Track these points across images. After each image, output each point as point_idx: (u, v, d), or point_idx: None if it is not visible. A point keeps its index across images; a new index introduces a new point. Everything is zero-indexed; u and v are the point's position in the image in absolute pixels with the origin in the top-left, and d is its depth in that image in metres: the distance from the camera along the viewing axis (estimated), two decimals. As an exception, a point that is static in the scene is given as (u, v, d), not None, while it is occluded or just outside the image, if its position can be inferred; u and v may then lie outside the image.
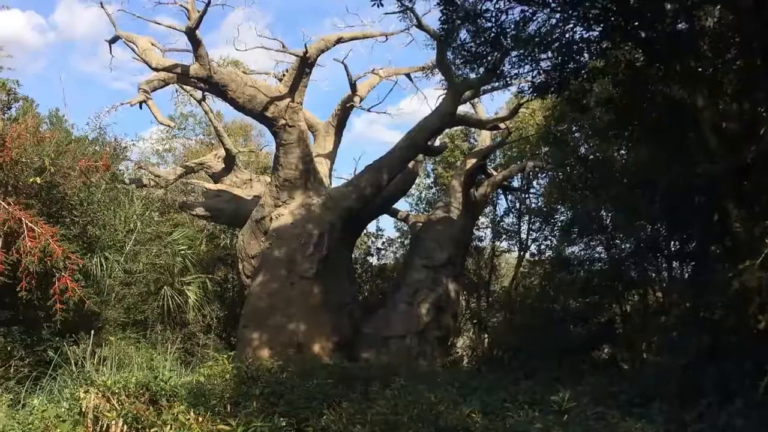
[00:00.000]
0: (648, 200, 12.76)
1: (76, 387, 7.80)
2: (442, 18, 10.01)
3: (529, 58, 10.07)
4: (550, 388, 9.40)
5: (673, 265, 16.11)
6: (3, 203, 10.07)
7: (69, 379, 8.28)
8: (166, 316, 17.49)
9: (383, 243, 27.05)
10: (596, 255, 17.58)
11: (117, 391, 7.01)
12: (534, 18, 9.52)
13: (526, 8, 9.34)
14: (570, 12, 9.56)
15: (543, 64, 10.87)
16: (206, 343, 19.91)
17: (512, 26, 9.42)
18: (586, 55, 10.57)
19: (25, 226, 10.09)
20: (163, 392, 6.97)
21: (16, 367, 11.74)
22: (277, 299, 16.66)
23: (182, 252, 17.22)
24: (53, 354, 11.89)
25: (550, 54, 10.46)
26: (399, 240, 28.17)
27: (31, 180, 10.60)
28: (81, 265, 11.23)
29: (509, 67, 10.73)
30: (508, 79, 11.09)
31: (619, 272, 15.87)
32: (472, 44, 10.04)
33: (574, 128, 19.03)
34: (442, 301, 19.50)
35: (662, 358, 13.39)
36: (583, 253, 17.67)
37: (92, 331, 12.23)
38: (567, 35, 10.16)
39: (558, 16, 9.79)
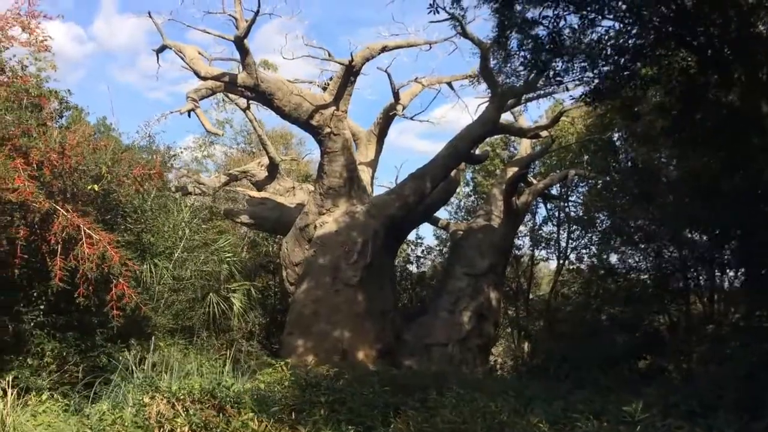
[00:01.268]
0: (703, 207, 12.55)
1: (139, 393, 7.87)
2: (497, 24, 10.00)
3: (585, 64, 9.99)
4: (606, 398, 9.29)
5: (721, 274, 15.87)
6: (62, 210, 10.22)
7: (131, 385, 8.35)
8: (211, 323, 17.62)
9: (422, 251, 27.02)
10: (642, 264, 17.34)
11: (182, 397, 7.07)
12: (591, 25, 9.46)
13: (585, 13, 9.26)
14: (626, 19, 9.47)
15: (596, 71, 10.77)
16: (248, 349, 20.01)
17: (570, 33, 9.38)
18: (638, 62, 10.46)
19: (83, 232, 10.24)
20: (229, 399, 7.02)
21: (70, 372, 11.89)
22: (321, 306, 16.74)
23: (228, 259, 17.36)
24: (106, 360, 12.06)
25: (603, 61, 10.37)
26: (438, 248, 28.14)
27: (89, 187, 10.76)
28: (135, 272, 11.36)
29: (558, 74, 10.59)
30: (565, 85, 10.99)
31: (666, 281, 15.64)
32: (528, 51, 9.98)
33: (619, 136, 18.85)
34: (483, 309, 19.44)
35: (715, 367, 13.12)
36: (628, 261, 17.44)
37: (147, 337, 12.39)
38: (621, 42, 10.06)
39: (614, 23, 9.72)
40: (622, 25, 9.82)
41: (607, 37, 9.94)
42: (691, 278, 15.93)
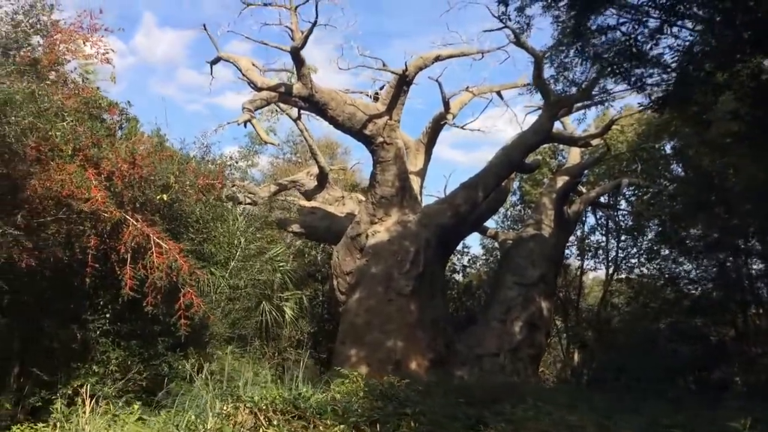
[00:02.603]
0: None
1: (218, 402, 7.85)
2: (577, 29, 9.88)
3: (657, 71, 9.84)
4: (684, 412, 9.08)
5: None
6: (131, 219, 10.31)
7: (209, 395, 8.34)
8: (264, 331, 17.69)
9: (468, 260, 26.85)
10: (703, 273, 16.96)
11: (264, 407, 7.05)
12: (662, 31, 9.30)
13: (665, 18, 9.11)
14: (702, 24, 9.30)
15: (667, 77, 10.61)
16: (297, 358, 20.04)
17: (646, 38, 9.24)
18: (711, 68, 10.26)
19: (152, 242, 10.32)
20: (312, 409, 6.97)
21: (134, 380, 11.98)
22: (374, 316, 16.68)
23: (281, 268, 17.43)
24: (167, 368, 12.13)
25: (675, 67, 10.20)
26: (484, 257, 27.95)
27: (158, 197, 10.85)
28: (201, 281, 11.41)
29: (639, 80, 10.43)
30: (647, 90, 10.78)
31: (732, 291, 15.26)
32: (608, 55, 9.84)
33: (673, 144, 18.54)
34: (535, 319, 19.22)
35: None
36: (695, 272, 17.08)
37: (204, 346, 12.43)
38: (695, 47, 9.88)
39: (682, 30, 9.54)
40: (696, 31, 9.63)
41: (677, 43, 9.77)
42: (757, 289, 15.52)
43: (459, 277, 26.56)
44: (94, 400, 8.66)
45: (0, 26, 9.42)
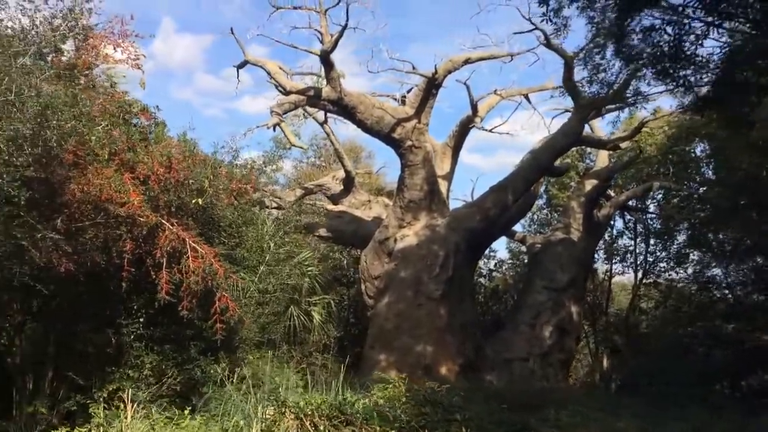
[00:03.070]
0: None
1: (259, 407, 7.77)
2: (618, 30, 9.74)
3: (706, 71, 9.66)
4: (735, 421, 8.88)
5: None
6: (167, 224, 10.26)
7: (253, 398, 8.26)
8: (291, 336, 17.61)
9: (495, 264, 26.60)
10: (739, 278, 16.66)
11: (310, 413, 6.96)
12: (713, 31, 9.12)
13: (711, 20, 8.94)
14: (752, 24, 9.11)
15: (707, 78, 10.42)
16: (323, 363, 19.95)
17: (693, 40, 9.07)
18: (755, 69, 10.06)
19: (188, 246, 10.27)
20: (358, 415, 6.87)
21: (168, 384, 11.94)
22: (404, 320, 16.59)
23: (310, 272, 17.35)
24: (200, 373, 12.06)
25: (717, 68, 10.01)
26: (510, 261, 27.71)
27: (193, 201, 10.81)
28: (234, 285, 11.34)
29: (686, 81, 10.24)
30: (694, 91, 10.57)
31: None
32: (650, 55, 9.67)
33: (703, 147, 18.28)
34: (564, 324, 19.07)
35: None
36: (731, 275, 16.77)
37: (234, 351, 12.35)
38: (740, 49, 9.69)
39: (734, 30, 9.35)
40: (739, 32, 9.44)
41: (721, 43, 9.59)
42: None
43: (485, 281, 26.34)
44: (133, 405, 8.62)
45: (38, 29, 9.41)
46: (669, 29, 8.94)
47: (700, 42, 9.10)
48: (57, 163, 8.88)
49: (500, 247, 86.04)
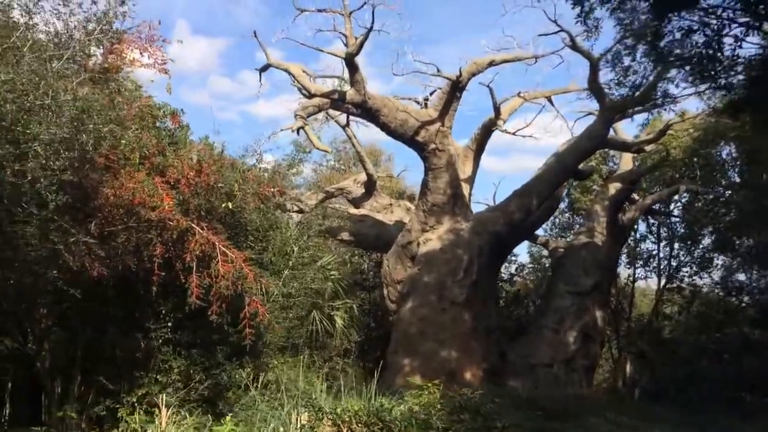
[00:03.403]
0: None
1: (293, 413, 7.70)
2: (653, 31, 9.62)
3: (744, 72, 9.51)
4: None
5: None
6: (197, 228, 10.22)
7: (290, 404, 8.18)
8: (314, 340, 17.54)
9: (516, 268, 26.41)
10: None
11: (347, 419, 6.87)
12: (754, 32, 8.98)
13: (748, 21, 8.80)
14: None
15: (742, 80, 10.26)
16: (345, 367, 19.88)
17: (731, 41, 8.93)
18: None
19: (218, 250, 10.21)
20: (397, 422, 6.77)
21: (195, 389, 11.90)
22: (428, 325, 16.47)
23: (332, 276, 17.27)
24: (227, 377, 12.02)
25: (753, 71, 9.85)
26: (531, 265, 27.51)
27: (224, 205, 10.77)
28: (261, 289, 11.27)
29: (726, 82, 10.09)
30: (734, 92, 10.40)
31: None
32: (692, 56, 9.53)
33: (729, 150, 18.03)
34: (589, 329, 18.88)
35: None
36: (759, 281, 16.53)
37: (258, 355, 12.28)
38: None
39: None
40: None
41: (760, 44, 9.43)
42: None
43: (506, 285, 26.16)
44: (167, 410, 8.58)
45: (72, 33, 9.39)
46: (707, 30, 8.81)
47: (738, 43, 8.98)
48: (90, 167, 8.85)
49: (521, 252, 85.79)
